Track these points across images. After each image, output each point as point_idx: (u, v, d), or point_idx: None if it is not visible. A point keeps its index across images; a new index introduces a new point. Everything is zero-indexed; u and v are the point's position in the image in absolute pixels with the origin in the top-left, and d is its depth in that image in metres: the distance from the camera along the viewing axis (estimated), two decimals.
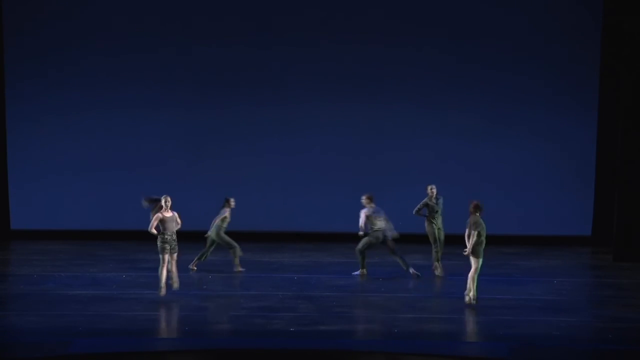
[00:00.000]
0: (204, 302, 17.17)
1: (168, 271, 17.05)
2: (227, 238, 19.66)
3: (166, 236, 17.05)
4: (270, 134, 23.32)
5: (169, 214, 17.12)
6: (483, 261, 16.85)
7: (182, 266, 18.16)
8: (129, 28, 23.13)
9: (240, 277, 19.36)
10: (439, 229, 19.49)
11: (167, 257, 17.00)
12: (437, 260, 19.41)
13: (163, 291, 16.98)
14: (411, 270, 19.07)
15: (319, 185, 22.70)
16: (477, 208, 16.88)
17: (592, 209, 23.34)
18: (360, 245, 19.19)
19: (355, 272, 19.29)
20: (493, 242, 22.88)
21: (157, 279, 17.07)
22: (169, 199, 17.21)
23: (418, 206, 19.41)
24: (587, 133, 23.22)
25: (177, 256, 17.22)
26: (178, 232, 17.22)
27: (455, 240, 22.32)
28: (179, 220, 17.23)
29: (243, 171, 23.18)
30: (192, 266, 19.61)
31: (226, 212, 19.58)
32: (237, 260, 19.62)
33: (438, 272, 19.36)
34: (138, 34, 23.14)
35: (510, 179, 23.36)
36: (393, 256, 19.28)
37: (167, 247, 16.99)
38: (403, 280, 19.10)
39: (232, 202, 19.58)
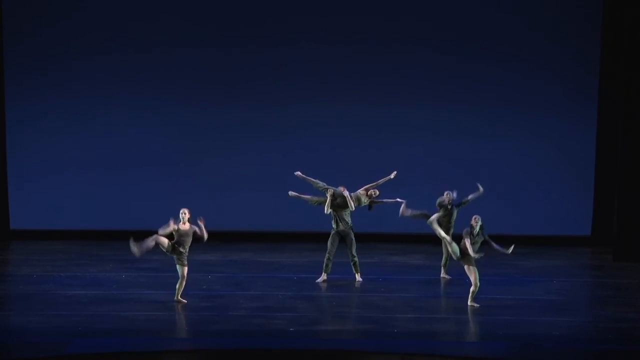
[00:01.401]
0: (204, 302, 17.16)
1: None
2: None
3: (181, 249, 16.72)
4: (269, 134, 23.32)
5: (185, 227, 16.83)
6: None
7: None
8: (129, 28, 23.13)
9: (240, 277, 19.35)
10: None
11: (185, 270, 16.80)
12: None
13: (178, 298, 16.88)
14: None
15: None
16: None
17: (591, 209, 23.34)
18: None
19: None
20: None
21: (157, 279, 17.08)
22: (186, 211, 16.78)
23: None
24: (586, 133, 23.21)
25: (187, 272, 16.82)
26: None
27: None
28: (203, 233, 16.72)
29: (242, 171, 23.18)
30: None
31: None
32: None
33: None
34: (138, 34, 23.13)
35: (509, 179, 23.36)
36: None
37: (184, 260, 16.75)
38: (403, 280, 19.09)
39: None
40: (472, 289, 16.68)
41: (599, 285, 19.82)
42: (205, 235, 16.76)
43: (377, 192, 18.95)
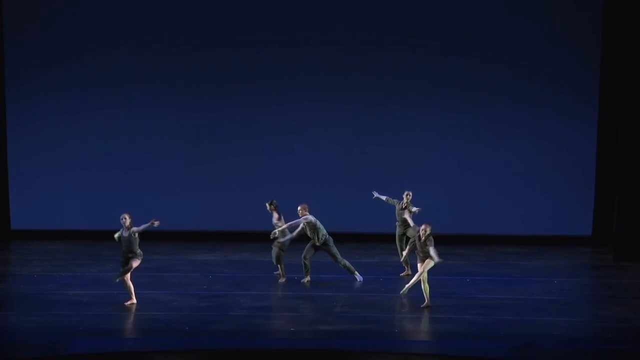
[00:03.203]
0: (203, 302, 17.17)
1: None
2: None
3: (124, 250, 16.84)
4: (269, 134, 23.31)
5: (126, 233, 16.80)
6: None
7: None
8: (130, 28, 23.12)
9: (240, 277, 19.36)
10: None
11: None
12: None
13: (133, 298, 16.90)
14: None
15: (318, 185, 22.70)
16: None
17: (592, 209, 23.33)
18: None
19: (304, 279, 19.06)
20: (493, 242, 23.03)
21: (157, 279, 17.10)
22: (126, 217, 16.84)
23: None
24: (587, 133, 23.21)
25: (129, 272, 16.82)
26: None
27: (453, 240, 22.40)
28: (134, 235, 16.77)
29: (243, 171, 23.17)
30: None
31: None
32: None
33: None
34: (138, 34, 23.13)
35: (510, 179, 23.35)
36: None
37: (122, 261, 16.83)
38: (403, 280, 19.08)
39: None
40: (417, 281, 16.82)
41: (599, 285, 19.81)
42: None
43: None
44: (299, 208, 18.67)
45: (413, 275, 17.43)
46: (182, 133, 23.33)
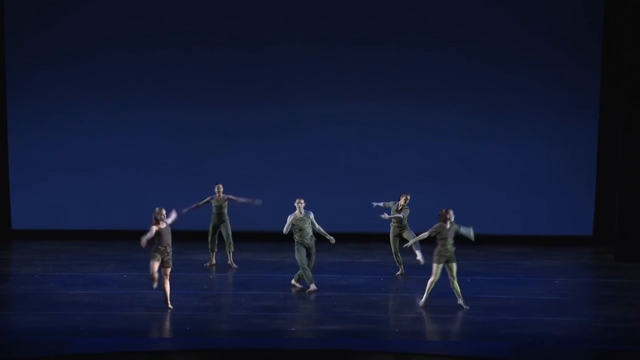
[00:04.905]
0: (204, 302, 17.18)
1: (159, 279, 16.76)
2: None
3: (160, 247, 16.57)
4: (270, 134, 23.32)
5: (164, 225, 16.64)
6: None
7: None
8: (130, 28, 23.14)
9: (241, 277, 19.37)
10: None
11: (156, 264, 16.51)
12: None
13: (155, 284, 16.64)
14: None
15: (319, 184, 22.70)
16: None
17: (593, 209, 23.33)
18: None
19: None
20: (494, 242, 23.03)
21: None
22: (164, 211, 16.69)
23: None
24: (588, 133, 23.21)
25: (170, 272, 16.58)
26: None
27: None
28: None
29: (243, 171, 23.18)
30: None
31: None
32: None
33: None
34: (138, 33, 23.15)
35: (511, 179, 23.35)
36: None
37: (158, 255, 16.49)
38: (403, 280, 19.10)
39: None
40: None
41: (600, 285, 19.82)
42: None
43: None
44: (302, 201, 18.35)
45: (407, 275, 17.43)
46: (183, 133, 23.35)
